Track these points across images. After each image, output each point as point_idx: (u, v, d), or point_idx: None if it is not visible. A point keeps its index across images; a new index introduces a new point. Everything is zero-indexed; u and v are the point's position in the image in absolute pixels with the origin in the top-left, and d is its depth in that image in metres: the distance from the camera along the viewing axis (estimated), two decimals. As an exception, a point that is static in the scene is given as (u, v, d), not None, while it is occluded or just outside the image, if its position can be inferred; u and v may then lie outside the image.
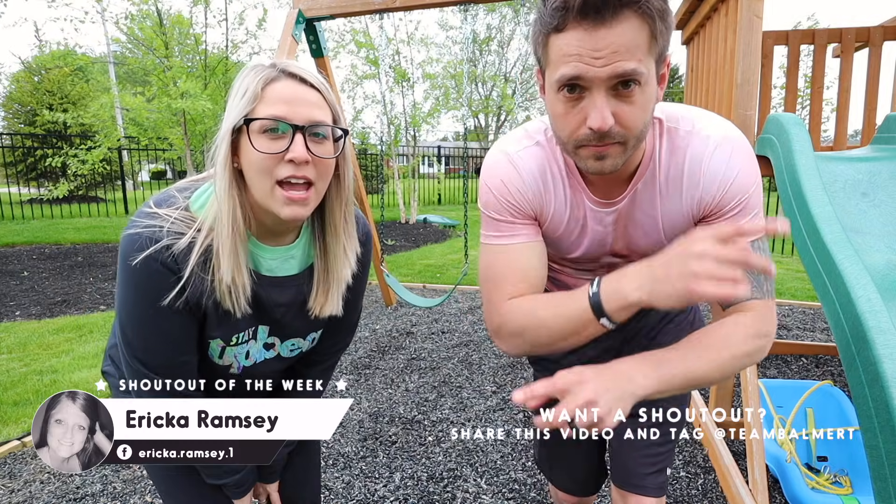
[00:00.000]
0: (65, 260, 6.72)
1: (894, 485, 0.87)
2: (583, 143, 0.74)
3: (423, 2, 3.26)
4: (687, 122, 0.84)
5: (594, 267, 1.00)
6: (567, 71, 0.70)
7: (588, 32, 0.67)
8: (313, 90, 0.82)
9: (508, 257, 0.89)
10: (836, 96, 2.60)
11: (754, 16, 1.98)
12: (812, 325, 4.00)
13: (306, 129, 0.80)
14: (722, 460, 1.94)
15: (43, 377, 2.98)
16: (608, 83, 0.69)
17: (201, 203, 0.85)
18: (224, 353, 0.93)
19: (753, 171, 0.83)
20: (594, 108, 0.70)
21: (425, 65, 11.52)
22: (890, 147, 1.86)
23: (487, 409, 2.61)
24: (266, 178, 0.80)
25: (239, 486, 1.01)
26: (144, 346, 0.85)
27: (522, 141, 0.90)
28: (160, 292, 0.81)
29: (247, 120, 0.78)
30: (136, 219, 0.82)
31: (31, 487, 2.00)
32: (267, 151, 0.78)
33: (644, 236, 0.90)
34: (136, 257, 0.79)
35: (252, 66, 0.83)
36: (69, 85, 14.37)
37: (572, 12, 0.67)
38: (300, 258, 0.95)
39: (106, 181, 13.53)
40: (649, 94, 0.73)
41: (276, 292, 0.92)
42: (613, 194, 0.87)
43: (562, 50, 0.70)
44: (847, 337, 1.05)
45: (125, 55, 12.67)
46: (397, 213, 11.57)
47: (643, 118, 0.73)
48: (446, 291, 4.92)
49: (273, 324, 0.96)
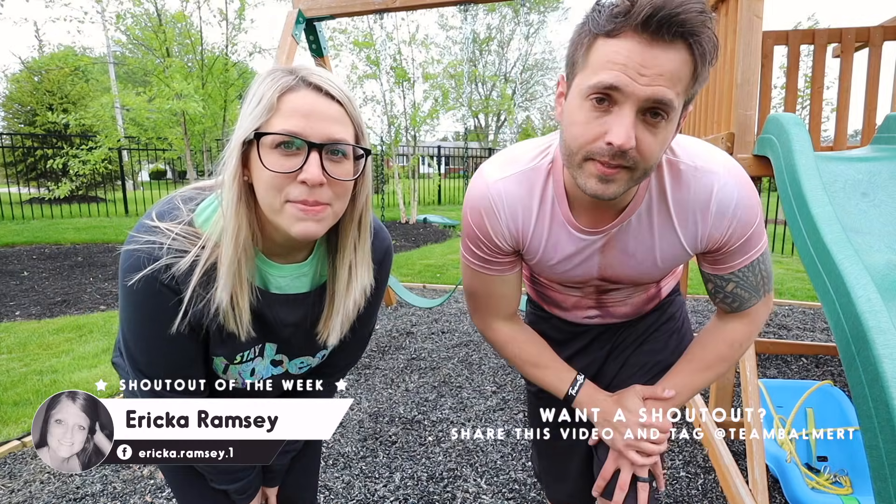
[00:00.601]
0: (65, 260, 6.71)
1: (894, 485, 0.87)
2: (592, 157, 0.72)
3: (424, 2, 3.26)
4: (687, 155, 0.84)
5: (582, 286, 1.00)
6: (607, 78, 0.67)
7: (642, 45, 0.66)
8: (335, 103, 0.74)
9: (486, 285, 0.99)
10: (836, 96, 2.60)
11: (754, 16, 1.98)
12: (812, 325, 4.00)
13: (323, 148, 0.72)
14: (722, 460, 1.94)
15: (43, 377, 2.98)
16: (642, 104, 0.68)
17: (206, 216, 0.79)
18: (227, 370, 0.90)
19: (757, 204, 0.84)
20: (620, 124, 0.68)
21: (426, 65, 11.52)
22: (890, 147, 1.86)
23: (487, 409, 2.61)
24: (276, 196, 0.73)
25: (243, 493, 0.99)
26: (147, 361, 0.83)
27: (506, 167, 0.89)
28: (161, 313, 0.78)
29: (258, 134, 0.72)
30: (136, 233, 0.76)
31: (31, 487, 2.00)
32: (278, 171, 0.71)
33: (637, 265, 0.90)
34: (134, 277, 0.74)
35: (269, 71, 0.76)
36: (69, 85, 14.37)
37: (633, 20, 0.65)
38: (312, 276, 0.89)
39: (106, 181, 13.54)
40: (670, 131, 0.72)
41: (284, 311, 0.87)
42: (601, 222, 0.87)
43: (608, 56, 0.68)
44: (847, 337, 1.05)
45: (125, 55, 12.68)
46: (397, 213, 11.57)
47: (659, 152, 0.72)
48: (446, 291, 4.92)
49: (281, 342, 0.91)
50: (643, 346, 1.11)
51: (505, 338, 1.03)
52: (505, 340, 1.03)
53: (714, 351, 0.97)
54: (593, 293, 1.03)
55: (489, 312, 1.02)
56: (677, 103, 0.69)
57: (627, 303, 1.06)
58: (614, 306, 1.06)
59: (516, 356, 1.04)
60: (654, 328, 1.11)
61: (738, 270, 0.88)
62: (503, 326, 1.03)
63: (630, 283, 0.96)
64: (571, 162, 0.76)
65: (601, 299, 1.05)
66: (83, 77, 15.14)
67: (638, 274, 0.92)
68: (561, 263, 0.92)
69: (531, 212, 0.89)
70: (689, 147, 0.85)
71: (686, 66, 0.67)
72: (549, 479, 1.28)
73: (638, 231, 0.86)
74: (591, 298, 1.05)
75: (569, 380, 1.01)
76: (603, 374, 1.13)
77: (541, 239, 0.90)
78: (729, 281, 0.90)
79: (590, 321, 1.10)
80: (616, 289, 1.01)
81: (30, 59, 15.01)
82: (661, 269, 0.91)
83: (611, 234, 0.87)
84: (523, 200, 0.88)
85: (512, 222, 0.89)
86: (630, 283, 0.96)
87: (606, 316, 1.09)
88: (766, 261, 0.89)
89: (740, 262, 0.87)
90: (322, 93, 0.74)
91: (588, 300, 1.05)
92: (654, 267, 0.90)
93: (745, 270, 0.88)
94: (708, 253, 0.88)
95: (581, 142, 0.72)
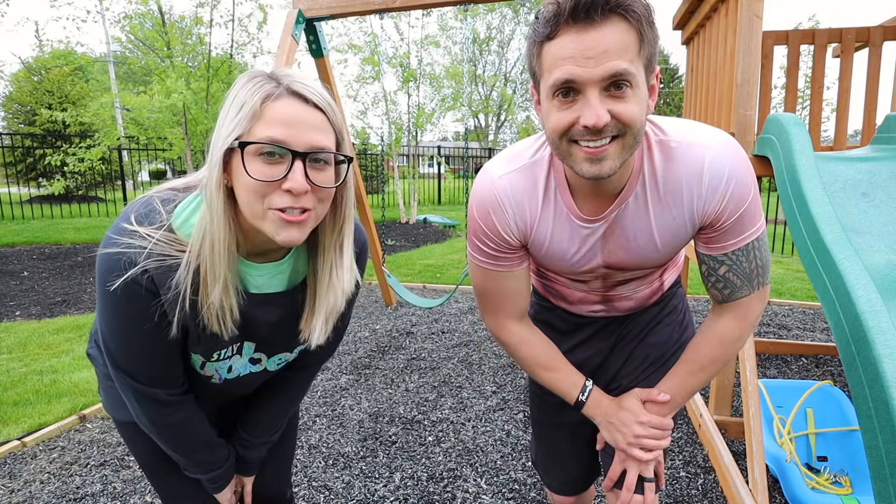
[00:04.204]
0: (65, 260, 6.72)
1: (894, 485, 0.87)
2: (576, 139, 0.75)
3: (424, 2, 3.26)
4: (677, 133, 0.86)
5: (588, 278, 1.02)
6: (560, 74, 0.72)
7: (579, 34, 0.70)
8: (317, 111, 0.75)
9: (497, 282, 0.99)
10: (836, 96, 2.60)
11: (754, 16, 1.98)
12: (812, 325, 4.00)
13: (307, 156, 0.73)
14: (722, 460, 1.94)
15: (43, 377, 2.98)
16: (601, 84, 0.71)
17: (184, 219, 0.79)
18: (205, 366, 0.91)
19: (752, 177, 0.85)
20: (588, 106, 0.72)
21: (429, 66, 11.52)
22: (890, 147, 1.86)
23: (487, 409, 2.61)
24: (259, 202, 0.74)
25: (215, 482, 1.01)
26: (127, 361, 0.84)
27: (510, 163, 0.92)
28: (141, 315, 0.78)
29: (241, 143, 0.72)
30: (115, 236, 0.76)
31: (31, 487, 2.00)
32: (262, 179, 0.72)
33: (639, 248, 0.91)
34: (115, 281, 0.74)
35: (250, 76, 0.75)
36: (69, 85, 14.37)
37: (563, 16, 0.70)
38: (289, 274, 0.90)
39: (106, 181, 13.54)
40: (641, 97, 0.74)
41: (262, 311, 0.88)
42: (601, 209, 0.89)
43: (555, 55, 0.73)
44: (847, 337, 1.05)
45: (125, 55, 12.68)
46: (397, 213, 11.57)
47: (639, 116, 0.74)
48: (446, 291, 4.92)
49: (259, 341, 0.93)
50: (647, 338, 1.13)
51: (518, 339, 1.04)
52: (518, 341, 1.04)
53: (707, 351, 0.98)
54: (600, 287, 1.04)
55: (502, 311, 1.03)
56: (634, 69, 0.72)
57: (632, 297, 1.07)
58: (619, 301, 1.08)
59: (528, 357, 1.05)
60: (657, 321, 1.13)
61: (731, 252, 0.88)
62: (515, 327, 1.04)
63: (634, 270, 0.97)
64: (560, 151, 0.79)
65: (607, 294, 1.06)
66: (83, 77, 15.15)
67: (641, 258, 0.93)
68: (566, 254, 0.94)
69: (537, 203, 0.91)
70: (683, 128, 0.87)
71: (627, 34, 0.71)
72: (547, 465, 1.30)
73: (635, 213, 0.88)
74: (597, 294, 1.06)
75: (579, 385, 1.03)
76: (608, 366, 1.15)
77: (546, 230, 0.92)
78: (722, 263, 0.90)
79: (595, 314, 1.13)
80: (622, 282, 1.02)
81: (30, 59, 15.01)
82: (662, 252, 0.92)
83: (610, 219, 0.89)
84: (528, 193, 0.90)
85: (519, 215, 0.91)
86: (634, 270, 0.97)
87: (611, 310, 1.11)
88: (762, 248, 0.89)
89: (734, 244, 0.87)
90: (305, 101, 0.74)
91: (594, 295, 1.07)
92: (654, 251, 0.91)
93: (739, 254, 0.88)
94: (703, 229, 0.89)
95: (560, 130, 0.76)
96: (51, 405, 2.63)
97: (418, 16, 11.36)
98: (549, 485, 1.33)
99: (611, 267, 0.96)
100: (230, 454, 1.04)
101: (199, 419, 0.95)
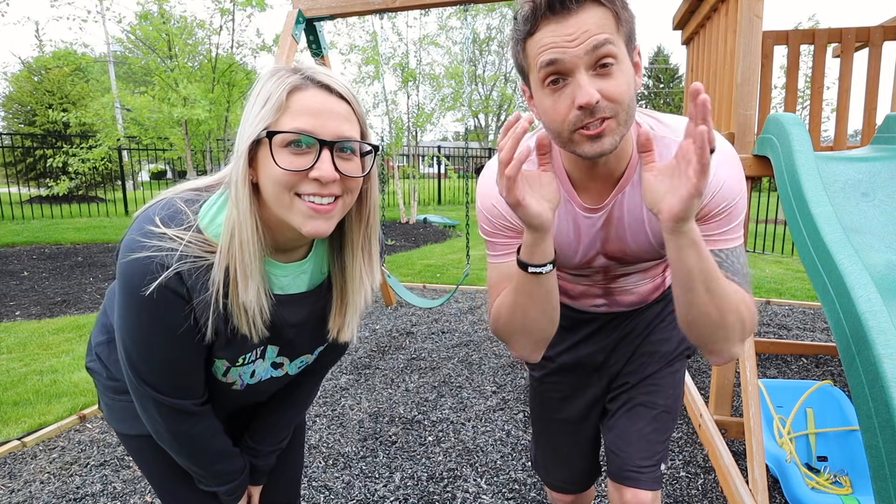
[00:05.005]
0: (65, 260, 6.72)
1: (894, 485, 0.87)
2: (576, 127, 0.76)
3: (424, 2, 3.26)
4: (669, 129, 0.87)
5: (590, 272, 1.02)
6: (546, 56, 0.74)
7: (559, 24, 0.73)
8: (343, 101, 0.75)
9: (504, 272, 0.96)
10: (836, 96, 2.60)
11: (754, 16, 1.98)
12: (812, 325, 4.00)
13: (334, 145, 0.73)
14: (722, 460, 1.94)
15: (43, 377, 2.98)
16: (586, 62, 0.73)
17: (211, 217, 0.78)
18: (228, 372, 0.89)
19: (740, 177, 0.85)
20: (579, 86, 0.73)
21: (428, 66, 11.53)
22: (890, 147, 1.86)
23: (487, 409, 2.61)
24: (286, 193, 0.74)
25: (232, 494, 1.00)
26: (151, 371, 0.81)
27: None
28: (171, 321, 0.76)
29: (269, 133, 0.71)
30: (142, 239, 0.73)
31: (31, 487, 2.00)
32: (291, 168, 0.72)
33: (633, 237, 0.92)
34: (146, 285, 0.72)
35: (273, 71, 0.75)
36: (69, 85, 14.37)
37: (541, 11, 0.73)
38: (311, 274, 0.89)
39: (106, 181, 13.55)
40: (627, 73, 0.76)
41: (287, 311, 0.87)
42: (600, 198, 0.90)
43: (539, 46, 0.75)
44: (847, 337, 1.05)
45: (126, 55, 12.68)
46: (397, 213, 11.57)
47: (628, 91, 0.75)
48: (447, 291, 4.93)
49: (284, 344, 0.91)
50: (651, 335, 1.13)
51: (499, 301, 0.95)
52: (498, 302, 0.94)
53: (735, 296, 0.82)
54: (601, 280, 1.04)
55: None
56: (616, 41, 0.74)
57: (634, 291, 1.08)
58: (621, 295, 1.08)
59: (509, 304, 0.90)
60: (660, 318, 1.14)
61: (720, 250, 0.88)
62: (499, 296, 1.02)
63: (633, 261, 0.97)
64: (563, 140, 0.80)
65: (609, 287, 1.06)
66: (83, 77, 15.15)
67: (637, 248, 0.93)
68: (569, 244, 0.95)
69: None
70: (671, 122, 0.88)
71: (604, 17, 0.73)
72: (547, 464, 1.30)
73: (631, 203, 0.89)
74: (599, 287, 1.07)
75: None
76: (612, 363, 1.15)
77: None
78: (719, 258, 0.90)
79: (597, 310, 1.13)
80: (623, 274, 1.02)
81: (30, 59, 15.02)
82: (654, 244, 0.92)
83: (609, 208, 0.90)
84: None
85: None
86: (633, 261, 0.97)
87: (613, 304, 1.11)
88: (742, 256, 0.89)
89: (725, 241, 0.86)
90: (330, 91, 0.75)
91: (596, 289, 1.07)
92: (647, 242, 0.92)
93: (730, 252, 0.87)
94: None
95: (559, 120, 0.77)
96: (51, 405, 2.63)
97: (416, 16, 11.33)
98: (549, 483, 1.33)
99: (611, 257, 0.96)
100: (246, 464, 1.02)
101: (218, 429, 0.93)
